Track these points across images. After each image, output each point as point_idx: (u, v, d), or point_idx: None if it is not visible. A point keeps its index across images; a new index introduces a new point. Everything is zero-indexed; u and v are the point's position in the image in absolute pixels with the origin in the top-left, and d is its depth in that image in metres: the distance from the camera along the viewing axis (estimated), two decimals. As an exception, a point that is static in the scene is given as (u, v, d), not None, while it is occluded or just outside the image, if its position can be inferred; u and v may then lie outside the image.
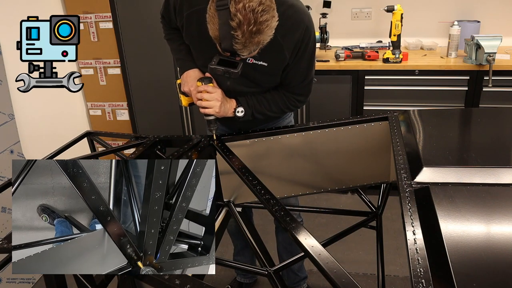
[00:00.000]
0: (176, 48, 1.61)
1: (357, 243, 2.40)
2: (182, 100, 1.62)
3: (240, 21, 1.14)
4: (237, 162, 1.42)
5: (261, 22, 1.16)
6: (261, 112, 1.55)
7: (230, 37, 1.17)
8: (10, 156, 2.32)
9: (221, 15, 1.16)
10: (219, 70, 1.31)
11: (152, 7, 2.78)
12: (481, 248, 0.85)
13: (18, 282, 2.28)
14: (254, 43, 1.19)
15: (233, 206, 1.63)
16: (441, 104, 2.66)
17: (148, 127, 3.14)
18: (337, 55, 2.74)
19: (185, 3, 1.43)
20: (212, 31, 1.22)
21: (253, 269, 1.42)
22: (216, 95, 1.46)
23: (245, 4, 1.14)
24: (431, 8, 3.01)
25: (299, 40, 1.41)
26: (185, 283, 0.91)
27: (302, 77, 1.53)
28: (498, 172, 1.07)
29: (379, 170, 1.63)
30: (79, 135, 1.81)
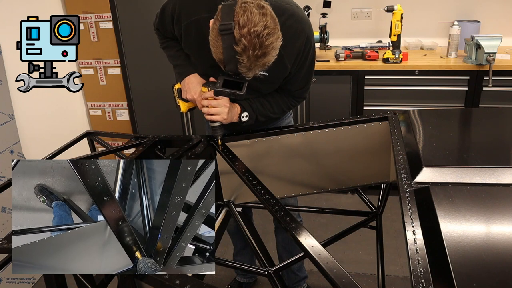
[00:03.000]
0: (173, 54, 1.58)
1: (357, 243, 2.40)
2: (181, 106, 1.59)
3: (245, 46, 1.12)
4: (237, 162, 1.42)
5: (267, 45, 1.14)
6: (265, 115, 1.54)
7: (235, 61, 1.15)
8: (10, 156, 2.32)
9: (224, 39, 1.14)
10: (224, 92, 1.31)
11: (152, 7, 2.77)
12: (481, 248, 0.85)
13: (18, 282, 2.28)
14: (259, 65, 1.18)
15: (233, 206, 1.63)
16: (441, 104, 2.66)
17: (148, 127, 3.14)
18: (337, 55, 2.74)
19: (183, 12, 1.41)
20: (215, 55, 1.20)
21: (253, 269, 1.42)
22: (224, 101, 1.42)
23: (250, 29, 1.12)
24: (431, 8, 3.01)
25: (300, 49, 1.39)
26: (185, 283, 0.91)
27: (302, 84, 1.53)
28: (498, 172, 1.07)
29: (379, 170, 1.63)
30: (79, 135, 1.81)
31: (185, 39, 1.46)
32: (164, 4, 1.50)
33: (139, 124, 3.18)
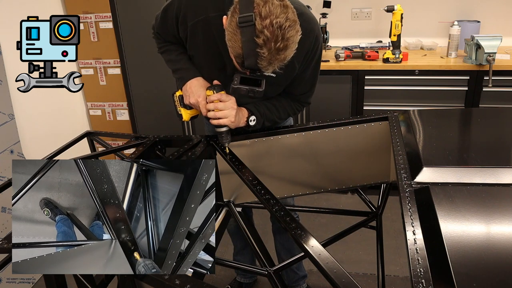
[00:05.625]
0: (173, 58, 1.51)
1: (357, 243, 2.40)
2: (183, 114, 1.53)
3: (267, 38, 1.08)
4: (237, 162, 1.42)
5: (288, 38, 1.11)
6: (271, 119, 1.52)
7: (255, 55, 1.11)
8: (10, 156, 2.32)
9: (244, 31, 1.09)
10: (243, 90, 1.24)
11: (152, 7, 2.78)
12: (481, 248, 0.85)
13: (18, 282, 2.28)
14: (280, 59, 1.13)
15: (233, 206, 1.63)
16: (441, 104, 2.66)
17: (148, 127, 3.14)
18: (337, 55, 2.74)
19: (189, 12, 1.37)
20: (234, 49, 1.15)
21: (253, 269, 1.42)
22: (231, 103, 1.37)
23: (272, 20, 1.08)
24: (431, 8, 3.01)
25: (309, 49, 1.37)
26: (185, 283, 0.91)
27: (307, 87, 1.52)
28: (498, 172, 1.06)
29: (379, 170, 1.63)
30: (79, 135, 1.81)
31: (191, 40, 1.42)
32: (166, 5, 1.44)
33: (139, 124, 3.18)
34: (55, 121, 2.85)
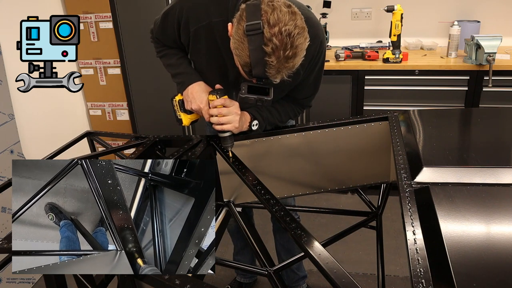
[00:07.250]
0: (173, 63, 1.48)
1: (357, 243, 2.40)
2: (183, 119, 1.51)
3: (276, 46, 1.06)
4: (237, 162, 1.42)
5: (297, 45, 1.09)
6: (273, 123, 1.51)
7: (263, 63, 1.08)
8: (10, 156, 2.32)
9: (252, 40, 1.07)
10: (251, 99, 1.22)
11: (152, 7, 2.78)
12: (481, 248, 0.85)
13: (18, 282, 2.28)
14: (288, 67, 1.11)
15: (233, 206, 1.63)
16: (441, 104, 2.66)
17: (148, 127, 3.14)
18: (337, 55, 2.74)
19: (192, 17, 1.34)
20: (241, 58, 1.12)
21: (253, 269, 1.42)
22: (234, 108, 1.34)
23: (281, 28, 1.06)
24: (431, 8, 3.01)
25: (313, 55, 1.35)
26: (185, 283, 0.91)
27: (310, 92, 1.51)
28: (498, 172, 1.06)
29: (379, 170, 1.63)
30: (79, 135, 1.81)
31: (193, 45, 1.39)
32: (167, 10, 1.41)
33: (139, 124, 3.18)
34: (55, 121, 2.85)
